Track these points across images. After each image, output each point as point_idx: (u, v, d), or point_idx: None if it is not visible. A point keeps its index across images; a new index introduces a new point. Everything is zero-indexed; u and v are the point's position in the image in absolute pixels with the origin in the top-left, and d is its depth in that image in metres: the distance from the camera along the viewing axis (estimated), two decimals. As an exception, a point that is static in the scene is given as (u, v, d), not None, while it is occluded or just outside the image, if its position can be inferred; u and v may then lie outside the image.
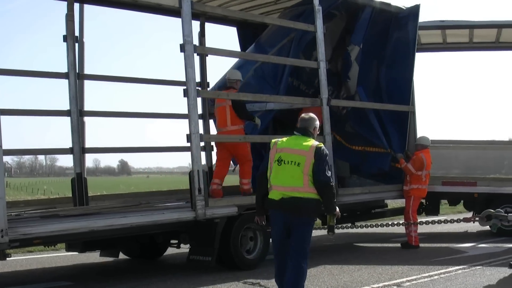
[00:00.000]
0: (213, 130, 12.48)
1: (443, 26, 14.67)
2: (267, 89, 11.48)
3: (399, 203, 17.30)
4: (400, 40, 12.99)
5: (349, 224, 9.70)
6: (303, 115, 7.04)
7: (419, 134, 13.38)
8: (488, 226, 9.68)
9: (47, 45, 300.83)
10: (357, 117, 12.78)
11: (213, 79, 12.50)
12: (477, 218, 8.87)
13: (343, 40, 13.14)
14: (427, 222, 9.06)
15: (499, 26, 14.72)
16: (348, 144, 12.91)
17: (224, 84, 11.28)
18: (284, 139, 6.88)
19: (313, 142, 6.67)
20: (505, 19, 26.55)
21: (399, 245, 12.73)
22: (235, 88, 10.78)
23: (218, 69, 12.85)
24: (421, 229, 13.13)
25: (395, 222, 9.26)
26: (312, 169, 6.50)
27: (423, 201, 13.81)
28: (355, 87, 12.62)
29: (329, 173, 6.56)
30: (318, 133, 7.09)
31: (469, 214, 15.15)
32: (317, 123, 7.01)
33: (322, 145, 6.69)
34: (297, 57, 11.79)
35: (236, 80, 10.82)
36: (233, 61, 12.20)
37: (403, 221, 12.05)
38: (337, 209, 6.74)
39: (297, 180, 6.53)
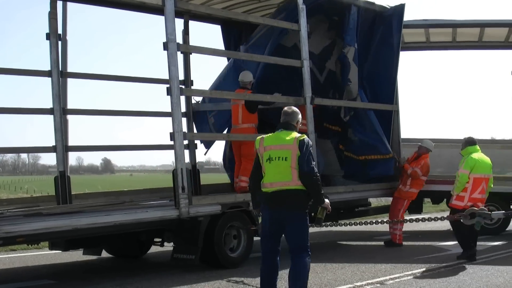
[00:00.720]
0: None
1: (426, 24, 14.70)
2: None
3: (383, 201, 17.37)
4: (384, 39, 12.94)
5: (332, 222, 9.69)
6: (285, 108, 7.08)
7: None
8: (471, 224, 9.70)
9: (30, 43, 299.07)
10: (359, 122, 12.63)
11: (196, 77, 12.48)
12: (460, 216, 8.91)
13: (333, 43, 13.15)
14: (411, 220, 9.09)
15: (482, 25, 14.77)
16: (354, 155, 12.77)
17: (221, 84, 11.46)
18: (269, 135, 6.93)
19: (295, 135, 6.74)
20: (488, 18, 26.69)
21: (382, 243, 12.78)
22: (248, 89, 11.06)
23: (202, 67, 12.85)
24: (405, 227, 13.16)
25: (379, 220, 9.29)
26: (298, 161, 6.56)
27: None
28: (357, 90, 12.42)
29: (313, 163, 6.61)
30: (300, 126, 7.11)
31: (452, 212, 15.22)
32: (300, 116, 7.06)
33: (305, 136, 6.75)
34: (276, 46, 11.76)
35: (249, 82, 11.15)
36: (218, 59, 12.24)
37: (387, 219, 12.06)
38: (326, 201, 6.78)
39: (286, 175, 6.61)
